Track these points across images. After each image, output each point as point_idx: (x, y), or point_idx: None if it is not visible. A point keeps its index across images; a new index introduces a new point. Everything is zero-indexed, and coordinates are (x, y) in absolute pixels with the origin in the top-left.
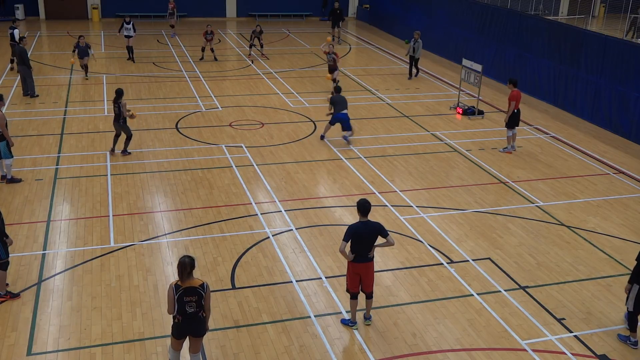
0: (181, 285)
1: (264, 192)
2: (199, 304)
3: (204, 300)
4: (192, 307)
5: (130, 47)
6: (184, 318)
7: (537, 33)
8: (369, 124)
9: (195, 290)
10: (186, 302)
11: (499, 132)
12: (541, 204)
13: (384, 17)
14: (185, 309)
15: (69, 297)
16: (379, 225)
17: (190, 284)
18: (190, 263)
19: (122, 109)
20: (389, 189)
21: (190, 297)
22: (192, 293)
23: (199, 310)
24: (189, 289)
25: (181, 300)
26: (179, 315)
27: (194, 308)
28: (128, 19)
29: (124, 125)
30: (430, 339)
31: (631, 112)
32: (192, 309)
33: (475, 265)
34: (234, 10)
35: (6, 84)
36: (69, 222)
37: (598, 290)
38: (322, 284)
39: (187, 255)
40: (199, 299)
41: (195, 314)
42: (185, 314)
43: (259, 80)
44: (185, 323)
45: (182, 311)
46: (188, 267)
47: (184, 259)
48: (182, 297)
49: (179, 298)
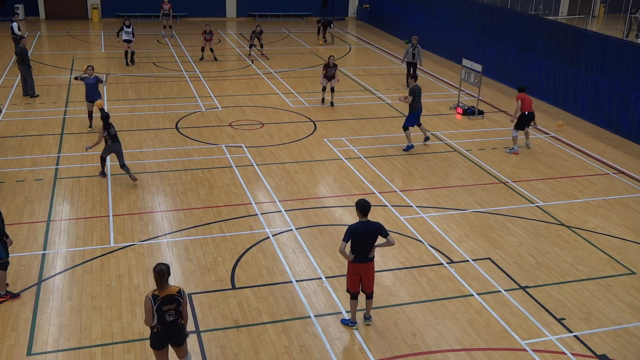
0: (159, 295)
1: (264, 192)
2: (177, 311)
3: (181, 307)
4: (172, 315)
5: (131, 52)
6: (163, 327)
7: (537, 33)
8: (369, 124)
9: (174, 298)
10: (165, 311)
11: (499, 132)
12: (541, 204)
13: (384, 17)
14: (165, 318)
15: (69, 297)
16: (379, 225)
17: (168, 292)
18: (167, 270)
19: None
20: (389, 189)
21: (169, 305)
22: (170, 301)
23: (178, 318)
24: (168, 297)
25: (160, 310)
26: (158, 324)
27: (173, 316)
28: (128, 22)
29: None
30: (430, 339)
31: (631, 112)
32: (171, 317)
33: (475, 265)
34: (234, 10)
35: (6, 84)
36: (69, 222)
37: (598, 290)
38: (322, 284)
39: (162, 262)
40: (178, 306)
41: (174, 321)
42: (165, 323)
43: (259, 80)
44: (165, 332)
45: (162, 321)
46: (166, 275)
47: (161, 267)
48: (161, 306)
49: (158, 308)
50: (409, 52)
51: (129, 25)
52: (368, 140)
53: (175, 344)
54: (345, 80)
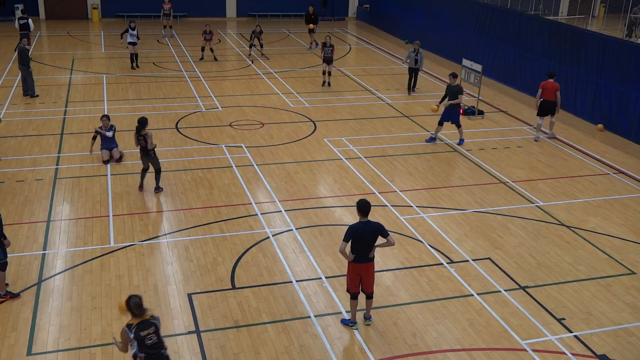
0: (132, 323)
1: (264, 192)
2: (157, 335)
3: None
4: (152, 339)
5: (135, 54)
6: (147, 355)
7: (537, 33)
8: (369, 124)
9: (149, 323)
10: (144, 336)
11: (499, 132)
12: (541, 204)
13: (384, 17)
14: (146, 343)
15: (69, 297)
16: (379, 225)
17: (142, 319)
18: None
19: (149, 140)
20: (389, 189)
21: (147, 329)
22: (147, 326)
23: (160, 344)
24: (143, 323)
25: (139, 336)
26: (140, 354)
27: (154, 340)
28: (133, 24)
29: (154, 156)
30: (430, 339)
31: (631, 112)
32: (152, 341)
33: (475, 265)
34: (234, 10)
35: (6, 83)
36: (69, 222)
37: (598, 290)
38: (322, 284)
39: (134, 294)
40: (156, 329)
41: (156, 345)
42: (148, 348)
43: (259, 80)
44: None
45: (143, 347)
46: (142, 305)
47: (137, 298)
48: (139, 332)
49: (136, 335)
50: (411, 57)
51: (134, 27)
52: (368, 140)
53: None
54: (345, 80)
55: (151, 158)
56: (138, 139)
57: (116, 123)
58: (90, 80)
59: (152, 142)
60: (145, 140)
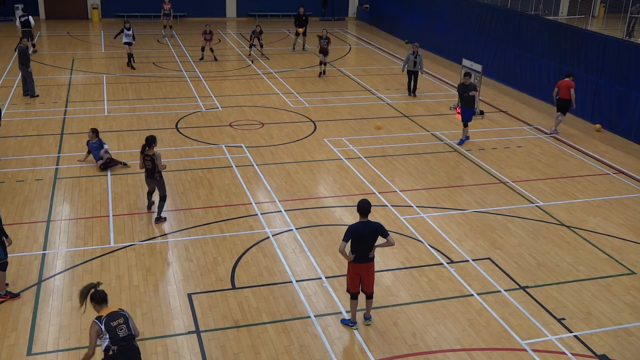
0: (101, 315)
1: (264, 192)
2: (128, 326)
3: (131, 322)
4: (124, 330)
5: (131, 55)
6: (119, 347)
7: (537, 33)
8: (369, 124)
9: (118, 314)
10: (115, 326)
11: (499, 132)
12: (541, 204)
13: (384, 17)
14: (118, 334)
15: (69, 297)
16: (379, 225)
17: (110, 310)
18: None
19: (157, 161)
20: (389, 189)
21: (117, 320)
22: (116, 317)
23: (132, 335)
24: (112, 314)
25: (110, 327)
26: (113, 345)
27: (125, 331)
28: (128, 24)
29: (160, 180)
30: (430, 339)
31: (631, 112)
32: (124, 332)
33: (475, 265)
34: (234, 10)
35: (6, 83)
36: (69, 222)
37: (598, 290)
38: (322, 284)
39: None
40: (126, 320)
41: (128, 338)
42: (120, 341)
43: (259, 80)
44: (122, 353)
45: (115, 338)
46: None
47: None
48: (109, 323)
49: (106, 327)
50: (410, 60)
51: (129, 27)
52: (368, 140)
53: None
54: (345, 80)
55: (157, 182)
56: (144, 160)
57: (116, 123)
58: (90, 80)
59: (161, 164)
60: (152, 162)
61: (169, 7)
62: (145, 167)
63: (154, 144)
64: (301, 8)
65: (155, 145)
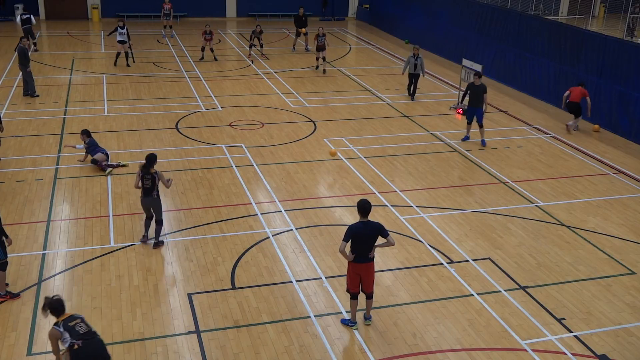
0: (59, 320)
1: (264, 192)
2: (86, 324)
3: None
4: (82, 327)
5: (125, 53)
6: (83, 341)
7: (537, 33)
8: (369, 124)
9: (75, 316)
10: (73, 325)
11: (499, 132)
12: (541, 204)
13: (384, 17)
14: (78, 331)
15: (69, 297)
16: (379, 225)
17: (67, 315)
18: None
19: (160, 180)
20: (389, 189)
21: (74, 320)
22: (73, 319)
23: (92, 330)
24: (69, 317)
25: (68, 326)
26: (77, 341)
27: (85, 328)
28: (122, 23)
29: (157, 199)
30: (430, 339)
31: (631, 112)
32: (83, 329)
33: (475, 265)
34: (234, 10)
35: (6, 84)
36: (69, 222)
37: (598, 290)
38: (322, 284)
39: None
40: (83, 320)
41: (90, 333)
42: (82, 336)
43: (259, 80)
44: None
45: (76, 335)
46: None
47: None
48: (67, 324)
49: (65, 327)
50: (411, 62)
51: (123, 26)
52: (368, 140)
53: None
54: (345, 80)
55: (154, 201)
56: (143, 179)
57: (116, 123)
58: (90, 80)
59: (165, 179)
60: (152, 181)
61: (169, 7)
62: (144, 186)
63: (155, 162)
64: (301, 9)
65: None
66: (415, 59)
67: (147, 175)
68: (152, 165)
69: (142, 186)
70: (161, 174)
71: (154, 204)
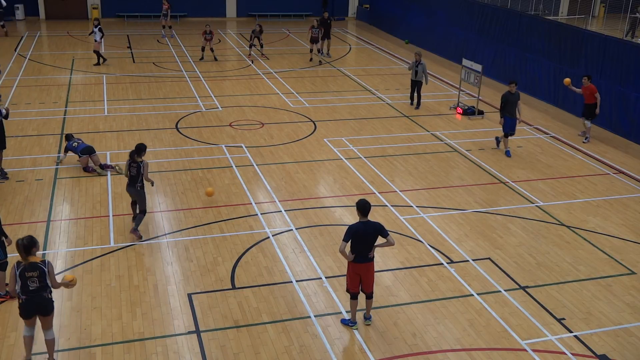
0: (22, 262)
1: (264, 192)
2: (41, 280)
3: (47, 277)
4: (35, 282)
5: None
6: (27, 297)
7: (537, 33)
8: (369, 124)
9: (37, 266)
10: (28, 277)
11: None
12: (541, 204)
13: (384, 17)
14: (28, 285)
15: (69, 297)
16: (379, 225)
17: (32, 260)
18: (30, 241)
19: (144, 170)
20: (389, 189)
21: (32, 272)
22: (33, 268)
23: (43, 288)
24: (31, 265)
25: (23, 276)
26: (23, 295)
27: (36, 284)
28: (97, 22)
29: (141, 191)
30: (430, 339)
31: (631, 112)
32: (34, 285)
33: (475, 265)
34: (234, 10)
35: (5, 84)
36: (69, 222)
37: (598, 290)
38: (322, 284)
39: (29, 236)
40: (41, 275)
41: (38, 291)
42: (28, 292)
43: (259, 80)
44: (30, 303)
45: (25, 289)
46: (32, 248)
47: (30, 239)
48: (24, 272)
49: (20, 274)
50: (412, 69)
51: (97, 24)
52: (368, 140)
53: (42, 313)
54: (345, 80)
55: (137, 192)
56: (130, 166)
57: (116, 123)
58: (90, 80)
59: (147, 175)
60: (137, 169)
61: (166, 7)
62: (130, 173)
63: (143, 152)
64: (325, 12)
65: (144, 155)
66: (416, 66)
67: (134, 164)
68: (139, 154)
69: (129, 174)
70: (147, 165)
71: (137, 195)
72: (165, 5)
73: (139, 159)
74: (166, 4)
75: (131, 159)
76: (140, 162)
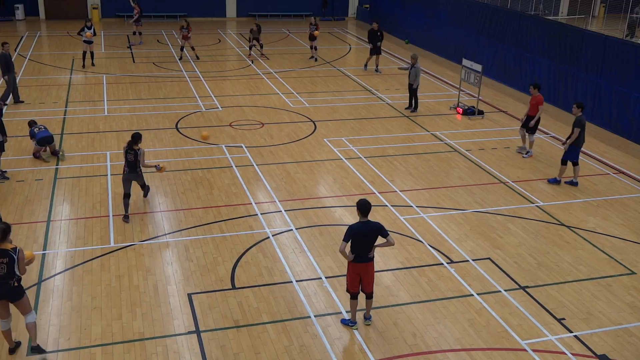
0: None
1: (264, 192)
2: (9, 267)
3: (16, 264)
4: (3, 269)
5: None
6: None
7: (537, 33)
8: (369, 124)
9: (7, 252)
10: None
11: (499, 132)
12: (541, 204)
13: (384, 17)
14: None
15: (69, 297)
16: (379, 225)
17: (2, 247)
18: (8, 229)
19: (140, 157)
20: (389, 189)
21: (1, 259)
22: (3, 255)
23: (10, 275)
24: (1, 251)
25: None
26: None
27: (4, 271)
28: (90, 23)
29: (141, 174)
30: (430, 339)
31: (631, 112)
32: (2, 272)
33: (475, 265)
34: (234, 10)
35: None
36: (69, 222)
37: (598, 290)
38: (322, 284)
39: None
40: (10, 261)
41: (4, 278)
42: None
43: (259, 80)
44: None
45: None
46: (6, 233)
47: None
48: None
49: None
50: (409, 73)
51: (90, 26)
52: (368, 140)
53: (11, 299)
54: (345, 80)
55: (138, 175)
56: (127, 153)
57: (116, 123)
58: (90, 80)
59: (144, 161)
60: (134, 156)
61: (136, 12)
62: (127, 160)
63: (139, 140)
64: (375, 23)
65: (140, 142)
66: (411, 68)
67: (131, 151)
68: (136, 143)
69: (126, 161)
70: (143, 152)
71: (138, 178)
72: (136, 9)
73: (136, 146)
74: (137, 7)
75: (128, 147)
76: (137, 150)
